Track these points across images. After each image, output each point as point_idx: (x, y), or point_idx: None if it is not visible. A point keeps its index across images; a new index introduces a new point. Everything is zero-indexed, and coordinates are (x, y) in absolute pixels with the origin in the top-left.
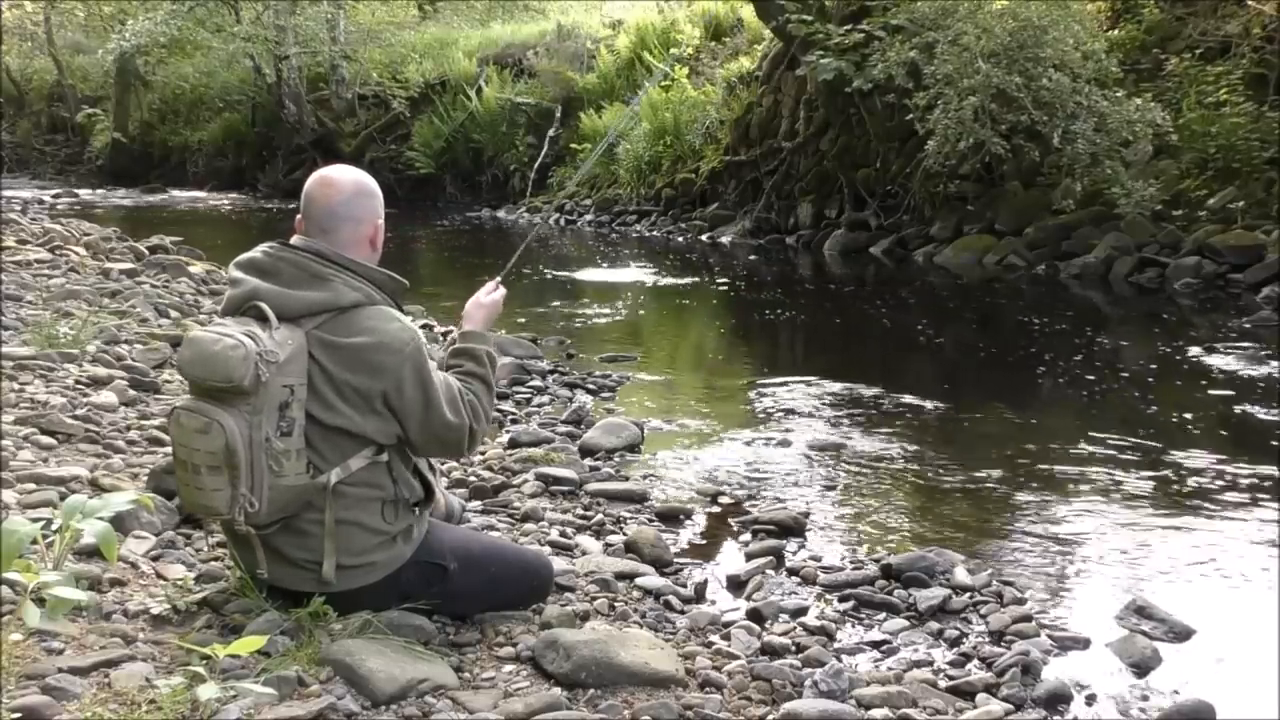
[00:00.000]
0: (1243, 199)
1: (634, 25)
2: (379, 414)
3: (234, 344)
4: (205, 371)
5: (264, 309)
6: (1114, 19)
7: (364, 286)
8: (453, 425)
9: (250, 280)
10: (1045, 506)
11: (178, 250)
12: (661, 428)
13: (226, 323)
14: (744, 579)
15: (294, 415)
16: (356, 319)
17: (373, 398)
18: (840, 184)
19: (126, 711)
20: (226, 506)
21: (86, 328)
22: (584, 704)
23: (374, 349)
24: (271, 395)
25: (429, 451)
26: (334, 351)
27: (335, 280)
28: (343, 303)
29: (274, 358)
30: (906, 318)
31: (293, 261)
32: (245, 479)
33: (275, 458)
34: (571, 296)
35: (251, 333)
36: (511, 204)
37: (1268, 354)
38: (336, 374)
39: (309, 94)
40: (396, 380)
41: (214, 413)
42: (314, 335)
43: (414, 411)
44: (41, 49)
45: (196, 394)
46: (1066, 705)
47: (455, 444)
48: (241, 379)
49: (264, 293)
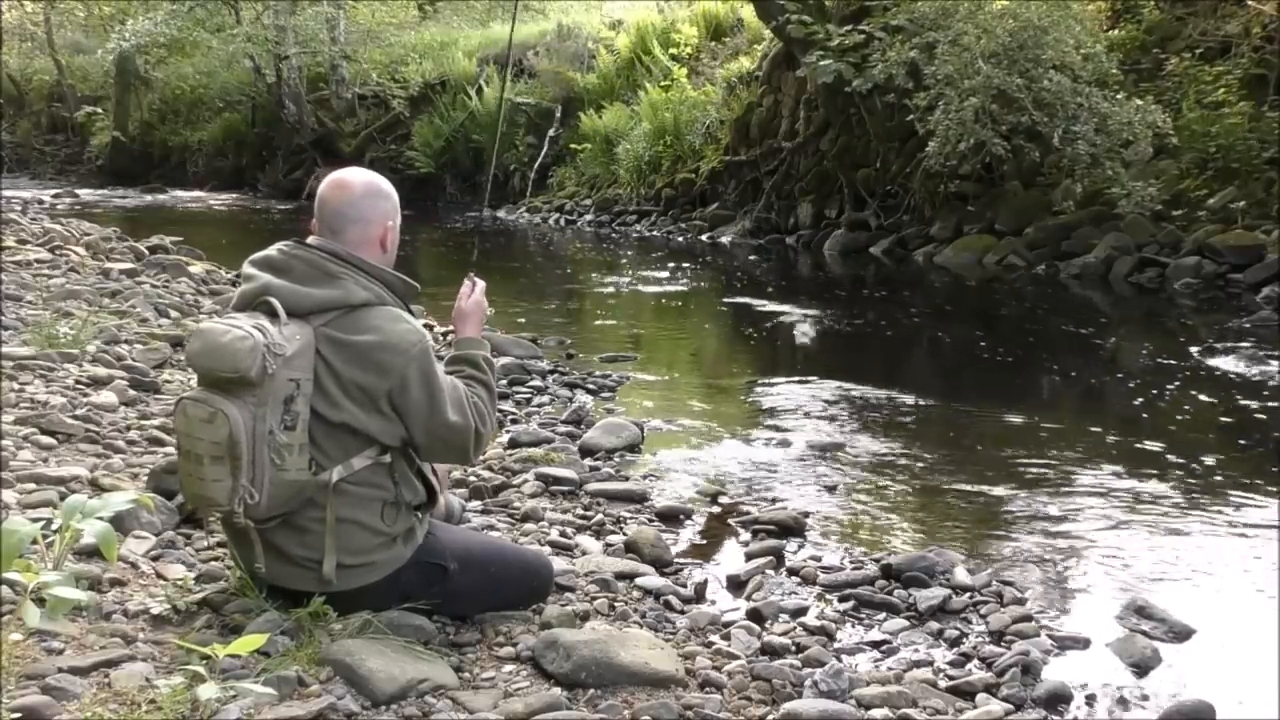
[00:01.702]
0: (1243, 199)
1: (634, 25)
2: (383, 414)
3: (242, 335)
4: (213, 362)
5: (274, 304)
6: (1114, 19)
7: (374, 287)
8: (457, 427)
9: (263, 276)
10: (1045, 506)
11: (178, 250)
12: (661, 428)
13: (237, 316)
14: (744, 579)
15: (298, 410)
16: (365, 318)
17: (377, 397)
18: (840, 184)
19: (126, 711)
20: (226, 498)
21: (86, 328)
22: (584, 704)
23: (380, 348)
24: (277, 388)
25: (434, 454)
26: (341, 349)
27: (346, 279)
28: (352, 301)
29: (281, 350)
30: (906, 318)
31: (305, 259)
32: (247, 471)
33: (278, 451)
34: (571, 296)
35: (260, 326)
36: (511, 204)
37: (1268, 354)
38: (342, 371)
39: (309, 94)
40: (401, 380)
41: (219, 403)
42: (322, 332)
43: (418, 413)
44: (41, 49)
45: (204, 385)
46: (1066, 705)
47: (460, 446)
48: (248, 370)
49: (275, 288)
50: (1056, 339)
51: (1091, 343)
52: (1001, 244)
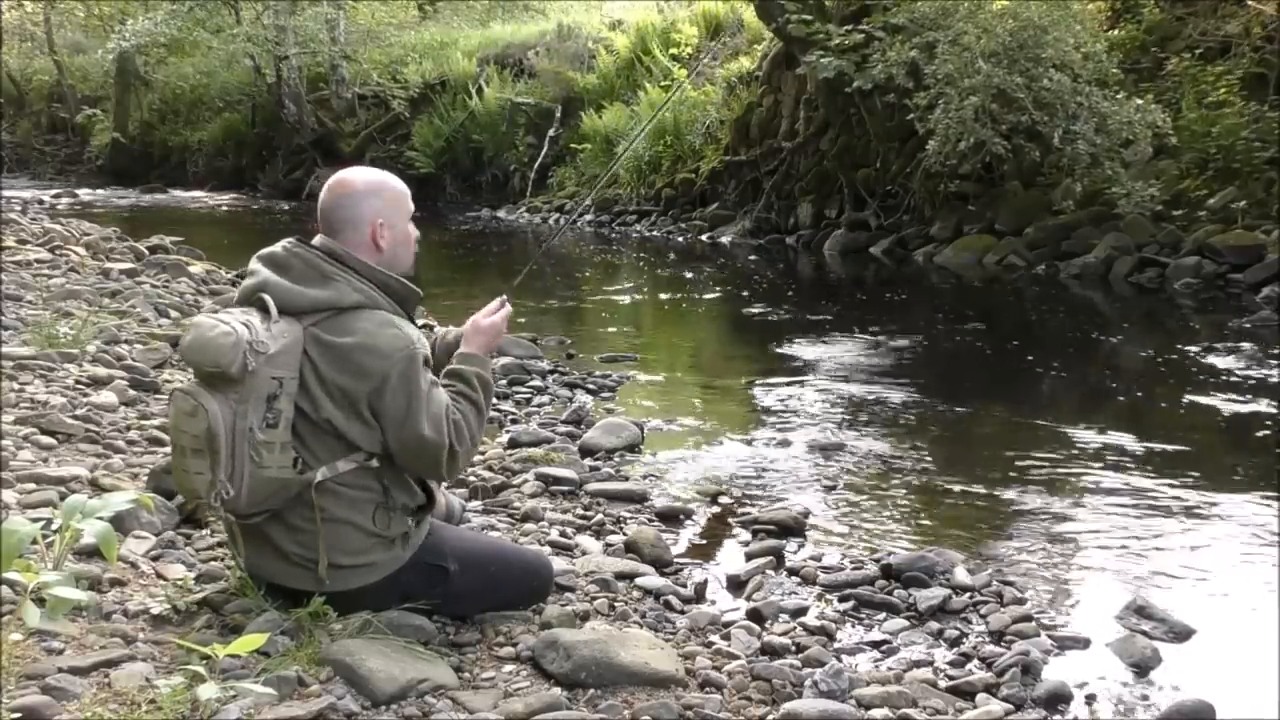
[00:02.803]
0: (1243, 199)
1: (634, 25)
2: (364, 420)
3: (226, 330)
4: (198, 356)
5: (266, 300)
6: (1114, 19)
7: (368, 289)
8: (428, 441)
9: (263, 272)
10: (1045, 506)
11: (178, 250)
12: (661, 428)
13: (232, 311)
14: (744, 579)
15: (281, 408)
16: (352, 320)
17: (357, 400)
18: (840, 184)
19: (126, 711)
20: (205, 490)
21: (86, 328)
22: (584, 704)
23: (361, 350)
24: (259, 385)
25: (405, 464)
26: (326, 350)
27: (340, 281)
28: (343, 303)
29: (263, 348)
30: (906, 318)
31: (304, 259)
32: (225, 465)
33: (256, 448)
34: (571, 296)
35: (248, 322)
36: (511, 204)
37: (1268, 354)
38: (326, 373)
39: (309, 94)
40: (380, 385)
41: (202, 397)
42: (310, 332)
43: (393, 419)
44: (41, 49)
45: (195, 378)
46: (1066, 705)
47: (431, 461)
48: (228, 365)
49: (272, 285)
50: (1056, 339)
51: (1091, 343)
52: (1001, 244)
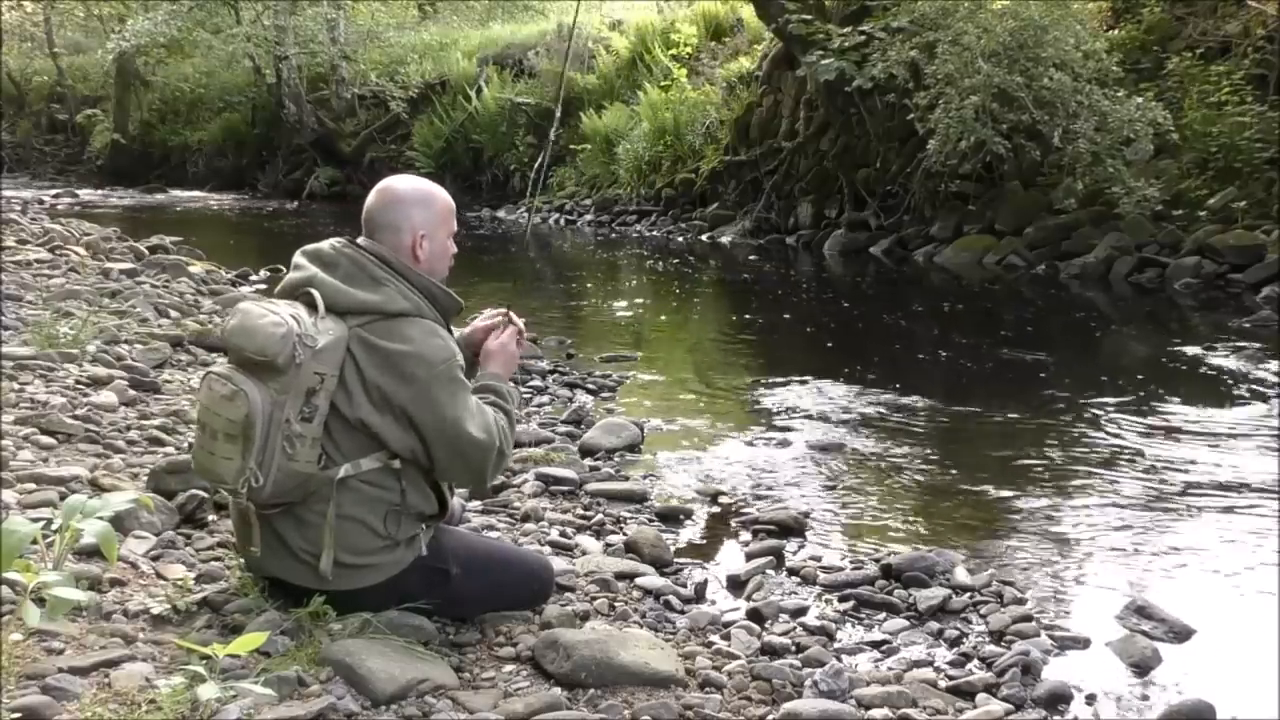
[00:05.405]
0: (1243, 199)
1: (634, 25)
2: (399, 423)
3: (277, 320)
4: (245, 341)
5: (315, 296)
6: (1114, 19)
7: (415, 297)
8: (480, 443)
9: (310, 268)
10: (1045, 506)
11: (178, 250)
12: (661, 428)
13: (277, 302)
14: (744, 579)
15: (318, 403)
16: (400, 326)
17: (395, 404)
18: (840, 184)
19: (126, 711)
20: (233, 477)
21: (86, 328)
22: (584, 704)
23: (409, 358)
24: (302, 379)
25: (452, 471)
26: (371, 352)
27: (389, 286)
28: (391, 309)
29: (311, 343)
30: (906, 318)
31: (353, 259)
32: (257, 454)
33: (290, 440)
34: (571, 296)
35: (297, 315)
36: (511, 204)
37: (1268, 354)
38: (368, 374)
39: (309, 94)
40: (424, 393)
41: (243, 382)
42: (356, 333)
43: (440, 427)
44: (41, 49)
45: (233, 363)
46: (1066, 705)
47: (479, 464)
48: (276, 355)
49: (319, 282)
50: (1056, 339)
51: (1091, 343)
52: (1001, 244)
